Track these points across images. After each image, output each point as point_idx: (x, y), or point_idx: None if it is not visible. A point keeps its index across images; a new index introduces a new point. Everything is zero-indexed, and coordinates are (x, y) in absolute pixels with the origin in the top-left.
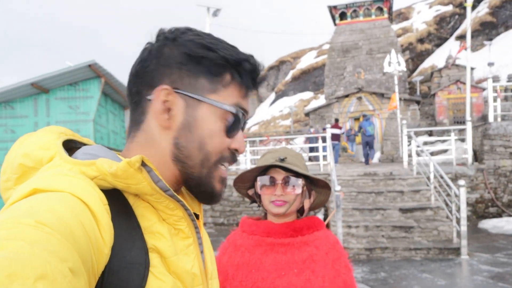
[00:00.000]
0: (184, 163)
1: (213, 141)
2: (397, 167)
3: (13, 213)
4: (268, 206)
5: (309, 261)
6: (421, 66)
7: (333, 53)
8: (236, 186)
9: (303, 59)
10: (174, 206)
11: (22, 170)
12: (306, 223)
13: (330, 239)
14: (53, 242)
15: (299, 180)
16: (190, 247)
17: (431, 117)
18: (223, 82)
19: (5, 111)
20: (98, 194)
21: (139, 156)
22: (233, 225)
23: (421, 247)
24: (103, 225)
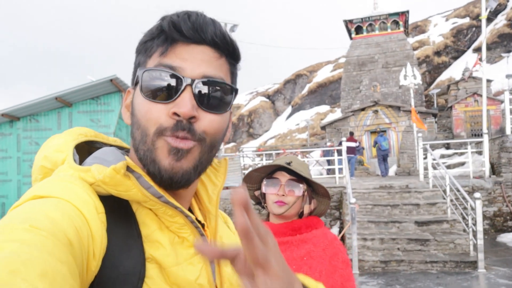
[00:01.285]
0: (136, 150)
1: (142, 113)
2: (413, 180)
3: (10, 219)
4: (271, 206)
5: (307, 257)
6: (438, 78)
7: (349, 66)
8: (247, 181)
9: (320, 73)
10: (173, 213)
11: (43, 171)
12: (305, 222)
13: (327, 236)
14: (50, 244)
15: (301, 184)
16: (196, 256)
17: (448, 129)
18: (150, 52)
19: (30, 124)
20: (94, 202)
21: (123, 162)
22: None
23: (437, 260)
24: (95, 236)
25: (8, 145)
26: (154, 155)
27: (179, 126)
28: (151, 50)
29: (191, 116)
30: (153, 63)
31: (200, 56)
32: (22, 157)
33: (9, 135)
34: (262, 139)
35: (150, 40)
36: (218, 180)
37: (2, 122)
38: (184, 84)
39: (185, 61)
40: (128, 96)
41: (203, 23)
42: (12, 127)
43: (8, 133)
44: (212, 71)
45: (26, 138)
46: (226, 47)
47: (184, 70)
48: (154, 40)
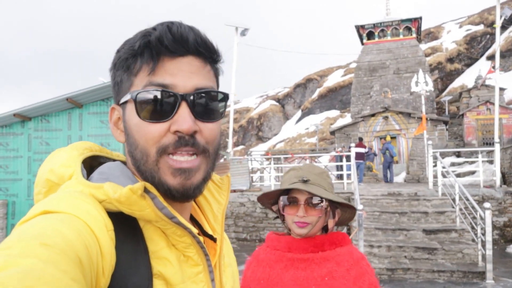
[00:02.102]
0: (137, 168)
1: (140, 134)
2: (422, 187)
3: (22, 234)
4: (291, 226)
5: (328, 277)
6: (451, 86)
7: (360, 72)
8: (261, 201)
9: (330, 77)
10: (181, 233)
11: (49, 184)
12: (328, 238)
13: (353, 255)
14: (62, 262)
15: (322, 202)
16: (199, 275)
17: (459, 137)
18: (134, 71)
19: (41, 124)
20: (103, 219)
21: (141, 183)
22: (256, 240)
23: (445, 269)
24: (104, 253)
25: (19, 144)
26: (159, 175)
27: (182, 142)
28: (135, 68)
29: (193, 131)
30: (142, 82)
31: (188, 68)
32: (32, 157)
33: (20, 135)
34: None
35: (132, 57)
36: (222, 198)
37: (14, 122)
38: (179, 100)
39: (175, 77)
40: (114, 113)
41: (183, 34)
42: (23, 127)
43: (19, 133)
44: (202, 82)
45: (37, 138)
46: (209, 54)
47: (176, 86)
48: (137, 58)
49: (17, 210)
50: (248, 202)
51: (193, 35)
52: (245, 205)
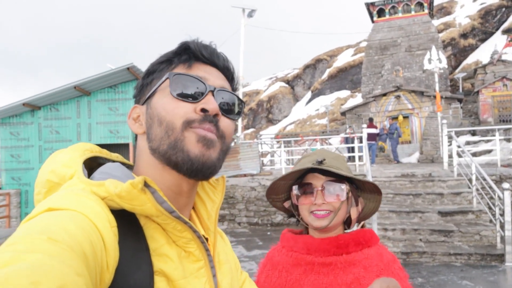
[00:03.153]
0: (156, 149)
1: (168, 110)
2: (436, 168)
3: (28, 229)
4: (308, 219)
5: (355, 285)
6: (464, 62)
7: (370, 50)
8: (270, 199)
9: (340, 57)
10: (182, 228)
11: (49, 185)
12: (354, 238)
13: (383, 257)
14: (68, 257)
15: (343, 184)
16: (201, 270)
17: (474, 115)
18: (170, 68)
19: (51, 113)
20: (107, 215)
21: (141, 177)
22: (267, 225)
23: (462, 252)
24: (108, 248)
25: (30, 134)
26: (183, 144)
27: (207, 118)
28: (171, 65)
29: (217, 112)
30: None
31: (216, 74)
32: (43, 146)
33: (30, 124)
34: (281, 125)
35: (168, 60)
36: (216, 197)
37: (24, 112)
38: (208, 89)
39: (207, 74)
40: (134, 111)
41: (215, 52)
42: (33, 116)
43: (29, 122)
44: (226, 86)
45: (47, 127)
46: (229, 75)
47: (207, 80)
48: (174, 59)
49: (30, 199)
50: (259, 186)
51: (222, 56)
52: (255, 189)
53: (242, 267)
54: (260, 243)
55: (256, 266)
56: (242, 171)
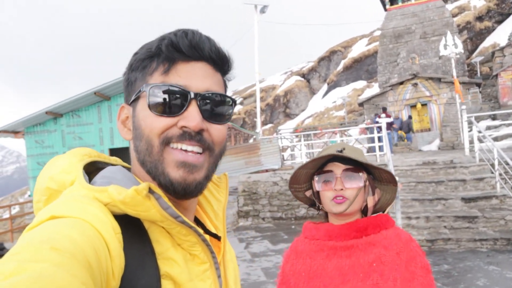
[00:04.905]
0: (142, 163)
1: (147, 124)
2: (458, 154)
3: (32, 239)
4: (328, 205)
5: (377, 263)
6: (481, 45)
7: (384, 39)
8: (292, 188)
9: (354, 48)
10: (186, 232)
11: (49, 192)
12: (371, 221)
13: (401, 237)
14: (73, 266)
15: (360, 173)
16: (206, 272)
17: (494, 99)
18: (150, 70)
19: (73, 119)
20: (111, 222)
21: (146, 184)
22: (291, 219)
23: (487, 237)
24: (113, 255)
25: (54, 141)
26: (163, 166)
27: (186, 136)
28: (150, 68)
29: (200, 129)
30: (156, 81)
31: (201, 72)
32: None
33: (54, 132)
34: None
35: (148, 58)
36: (221, 195)
37: (47, 120)
38: (190, 98)
39: (188, 78)
40: (123, 112)
41: (199, 41)
42: (56, 123)
43: (53, 129)
44: (213, 86)
45: (69, 134)
46: (221, 63)
47: (188, 86)
48: (154, 59)
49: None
50: (281, 180)
51: (208, 43)
52: (278, 184)
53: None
54: (285, 237)
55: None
56: (263, 167)
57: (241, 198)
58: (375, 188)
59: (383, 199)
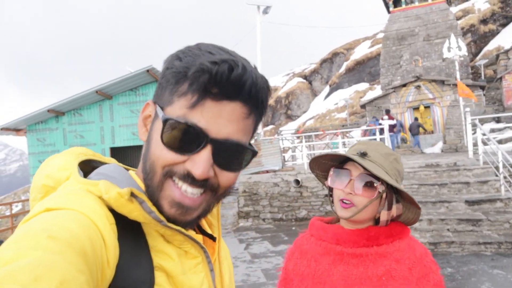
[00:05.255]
0: (145, 179)
1: (156, 151)
2: (461, 157)
3: (29, 228)
4: (336, 205)
5: (386, 277)
6: (485, 48)
7: (388, 41)
8: (314, 172)
9: (357, 50)
10: (171, 233)
11: (45, 190)
12: (384, 230)
13: (415, 250)
14: (70, 254)
15: (377, 183)
16: (198, 266)
17: (498, 102)
18: (178, 92)
19: (74, 118)
20: (105, 213)
21: (128, 189)
22: (292, 220)
23: (491, 241)
24: (108, 245)
25: (55, 139)
26: (159, 197)
27: (189, 179)
28: (180, 89)
29: (205, 178)
30: (179, 111)
31: (228, 116)
32: None
33: (55, 130)
34: (300, 121)
35: (184, 77)
36: None
37: (49, 118)
38: (205, 143)
39: (210, 120)
40: (147, 108)
41: (243, 79)
42: (58, 121)
43: (54, 127)
44: (236, 133)
45: (71, 132)
46: (257, 105)
47: (208, 130)
48: (187, 82)
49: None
50: (282, 182)
51: (251, 81)
52: (279, 185)
53: (269, 262)
54: (286, 238)
55: (282, 260)
56: (264, 168)
57: (241, 198)
58: (393, 204)
59: (404, 217)
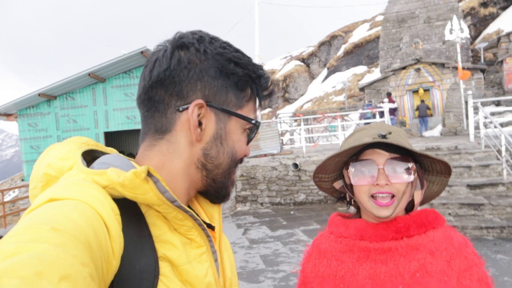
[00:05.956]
0: (211, 171)
1: (241, 150)
2: (462, 140)
3: (33, 220)
4: (367, 204)
5: (421, 273)
6: (485, 31)
7: (387, 24)
8: (317, 178)
9: (355, 33)
10: (183, 217)
11: (46, 179)
12: (415, 219)
13: (454, 240)
14: (73, 246)
15: (410, 163)
16: (203, 255)
17: (497, 85)
18: (246, 97)
19: (67, 102)
20: (110, 203)
21: (145, 167)
22: (290, 204)
23: (494, 225)
24: (113, 236)
25: (47, 124)
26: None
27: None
28: (245, 95)
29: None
30: (251, 113)
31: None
32: (62, 136)
33: (47, 114)
34: (298, 104)
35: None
36: None
37: (40, 102)
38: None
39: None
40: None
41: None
42: (50, 106)
43: (46, 112)
44: None
45: (64, 116)
46: None
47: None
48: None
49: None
50: (280, 165)
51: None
52: (277, 169)
53: (267, 247)
54: (284, 223)
55: (281, 246)
56: (262, 151)
57: (239, 182)
58: (423, 180)
59: (428, 192)
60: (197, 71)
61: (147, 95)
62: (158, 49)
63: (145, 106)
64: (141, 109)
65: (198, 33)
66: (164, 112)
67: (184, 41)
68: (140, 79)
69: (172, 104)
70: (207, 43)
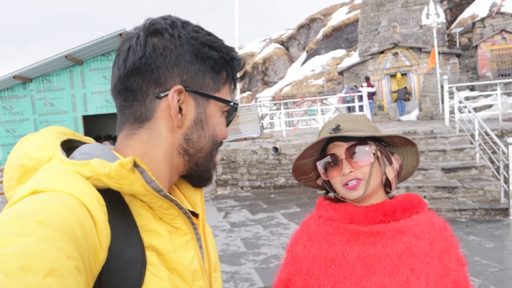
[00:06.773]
0: (193, 155)
1: (220, 133)
2: (437, 124)
3: (17, 212)
4: (342, 192)
5: (407, 255)
6: (460, 16)
7: (366, 7)
8: (301, 180)
9: (334, 16)
10: (168, 206)
11: (22, 170)
12: (401, 204)
13: (435, 224)
14: (59, 239)
15: (367, 146)
16: (188, 243)
17: (472, 70)
18: (223, 80)
19: (43, 84)
20: (95, 195)
21: (131, 158)
22: (270, 187)
23: (466, 208)
24: (100, 227)
25: (23, 107)
26: (210, 166)
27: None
28: (221, 77)
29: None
30: (228, 96)
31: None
32: (38, 119)
33: (23, 97)
34: (277, 87)
35: (222, 67)
36: None
37: (15, 85)
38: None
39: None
40: (179, 96)
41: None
42: (25, 89)
43: (22, 95)
44: None
45: (40, 100)
46: None
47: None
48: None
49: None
50: (260, 149)
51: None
52: (257, 153)
53: (248, 230)
54: (265, 206)
55: (262, 229)
56: (242, 135)
57: (219, 166)
58: (391, 156)
59: (406, 163)
60: (173, 57)
61: (124, 84)
62: (130, 37)
63: (121, 96)
64: (117, 99)
65: (170, 18)
66: (143, 101)
67: (156, 27)
68: (113, 68)
69: (151, 92)
70: (180, 28)
